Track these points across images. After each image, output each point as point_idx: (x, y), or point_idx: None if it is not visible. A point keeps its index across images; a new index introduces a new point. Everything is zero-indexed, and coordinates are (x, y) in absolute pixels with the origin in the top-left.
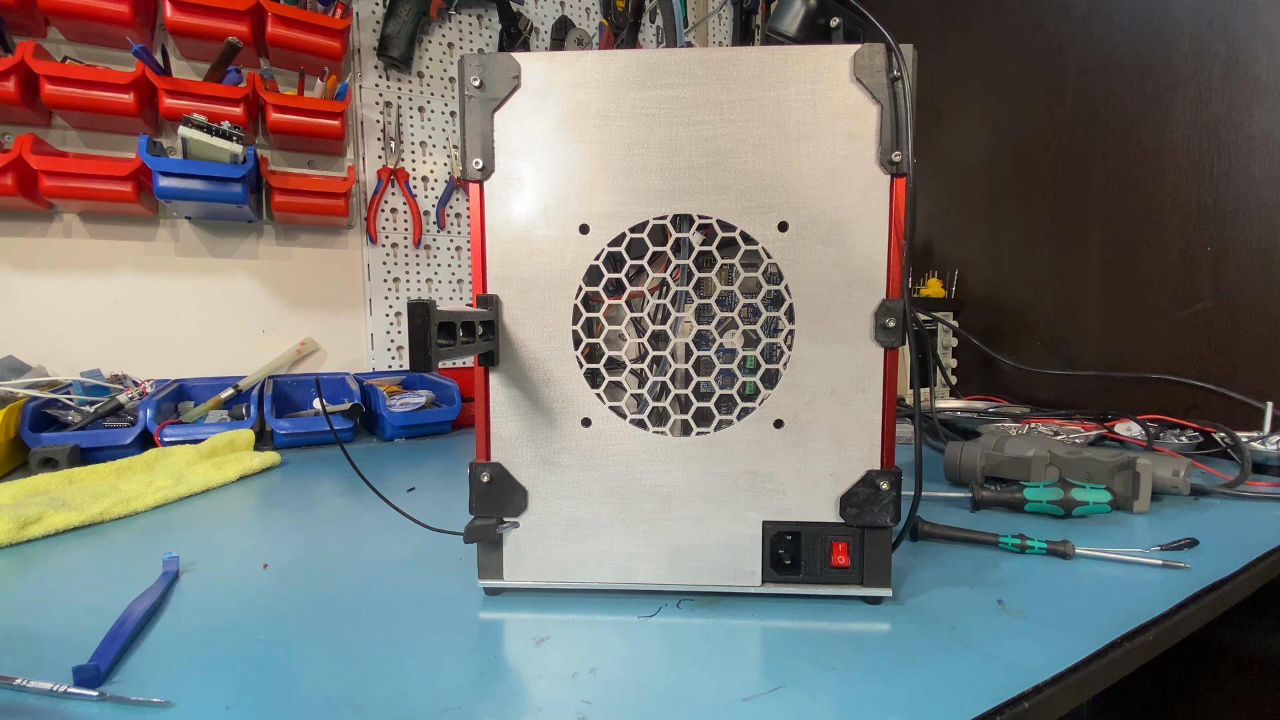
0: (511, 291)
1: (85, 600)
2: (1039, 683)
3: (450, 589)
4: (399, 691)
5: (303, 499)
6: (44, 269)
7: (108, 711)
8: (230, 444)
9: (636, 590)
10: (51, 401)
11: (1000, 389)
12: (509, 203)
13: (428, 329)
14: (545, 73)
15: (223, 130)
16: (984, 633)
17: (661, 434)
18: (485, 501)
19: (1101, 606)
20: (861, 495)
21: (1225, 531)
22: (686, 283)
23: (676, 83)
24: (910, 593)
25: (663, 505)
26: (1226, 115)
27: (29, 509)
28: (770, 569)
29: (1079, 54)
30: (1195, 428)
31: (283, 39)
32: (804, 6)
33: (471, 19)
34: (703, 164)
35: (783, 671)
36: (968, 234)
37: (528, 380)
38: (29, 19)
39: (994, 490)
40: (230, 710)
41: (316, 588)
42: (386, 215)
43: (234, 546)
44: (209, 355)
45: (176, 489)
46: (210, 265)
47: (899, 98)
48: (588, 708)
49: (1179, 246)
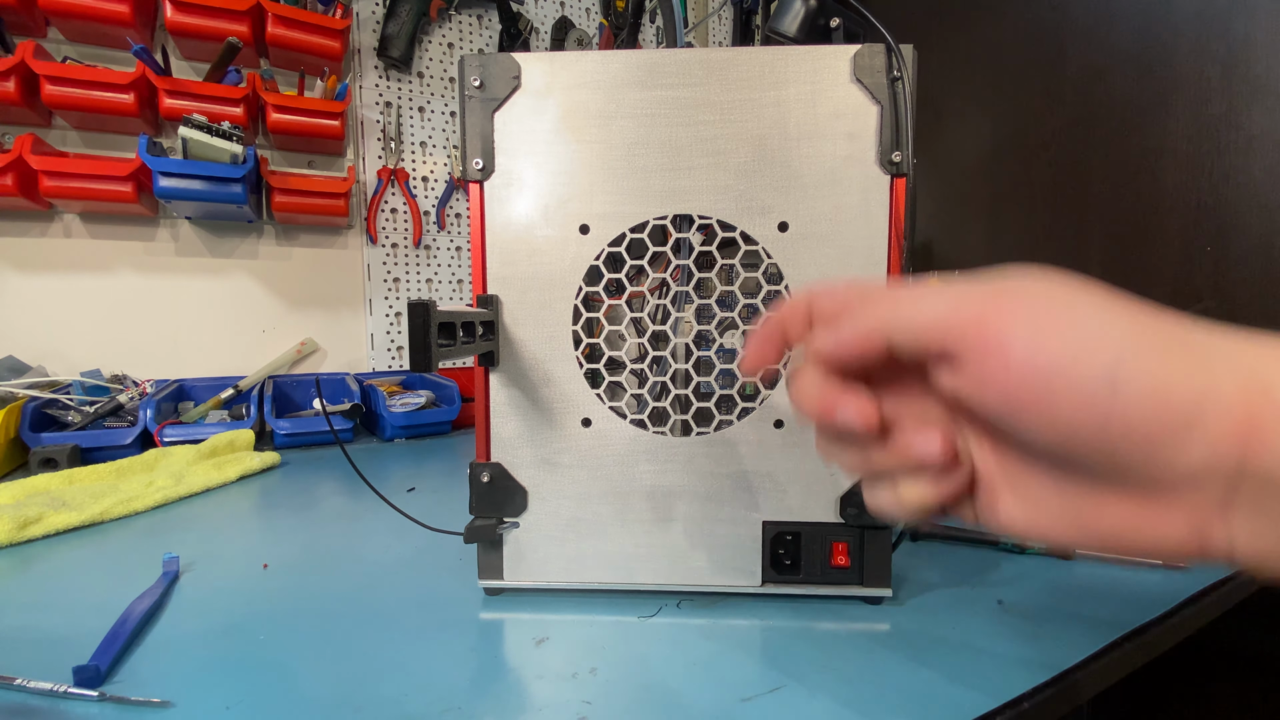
0: (511, 291)
1: (85, 600)
2: (1039, 683)
3: (450, 589)
4: (399, 691)
5: (303, 499)
6: (44, 269)
7: (108, 711)
8: (230, 444)
9: (636, 590)
10: (51, 402)
11: None
12: (509, 203)
13: (428, 329)
14: (545, 73)
15: (223, 130)
16: (984, 633)
17: (661, 434)
18: (485, 501)
19: (1101, 606)
20: (861, 496)
21: None
22: (686, 283)
23: (676, 83)
24: (910, 593)
25: (663, 505)
26: (1226, 115)
27: (29, 509)
28: (770, 569)
29: (1079, 54)
30: None
31: (283, 39)
32: (804, 7)
33: (471, 19)
34: (703, 164)
35: (783, 672)
36: (968, 234)
37: (528, 380)
38: (29, 19)
39: None
40: (230, 710)
41: (317, 588)
42: (386, 215)
43: (234, 546)
44: (209, 355)
45: (176, 489)
46: (210, 265)
47: (899, 98)
48: (588, 708)
49: (1179, 246)
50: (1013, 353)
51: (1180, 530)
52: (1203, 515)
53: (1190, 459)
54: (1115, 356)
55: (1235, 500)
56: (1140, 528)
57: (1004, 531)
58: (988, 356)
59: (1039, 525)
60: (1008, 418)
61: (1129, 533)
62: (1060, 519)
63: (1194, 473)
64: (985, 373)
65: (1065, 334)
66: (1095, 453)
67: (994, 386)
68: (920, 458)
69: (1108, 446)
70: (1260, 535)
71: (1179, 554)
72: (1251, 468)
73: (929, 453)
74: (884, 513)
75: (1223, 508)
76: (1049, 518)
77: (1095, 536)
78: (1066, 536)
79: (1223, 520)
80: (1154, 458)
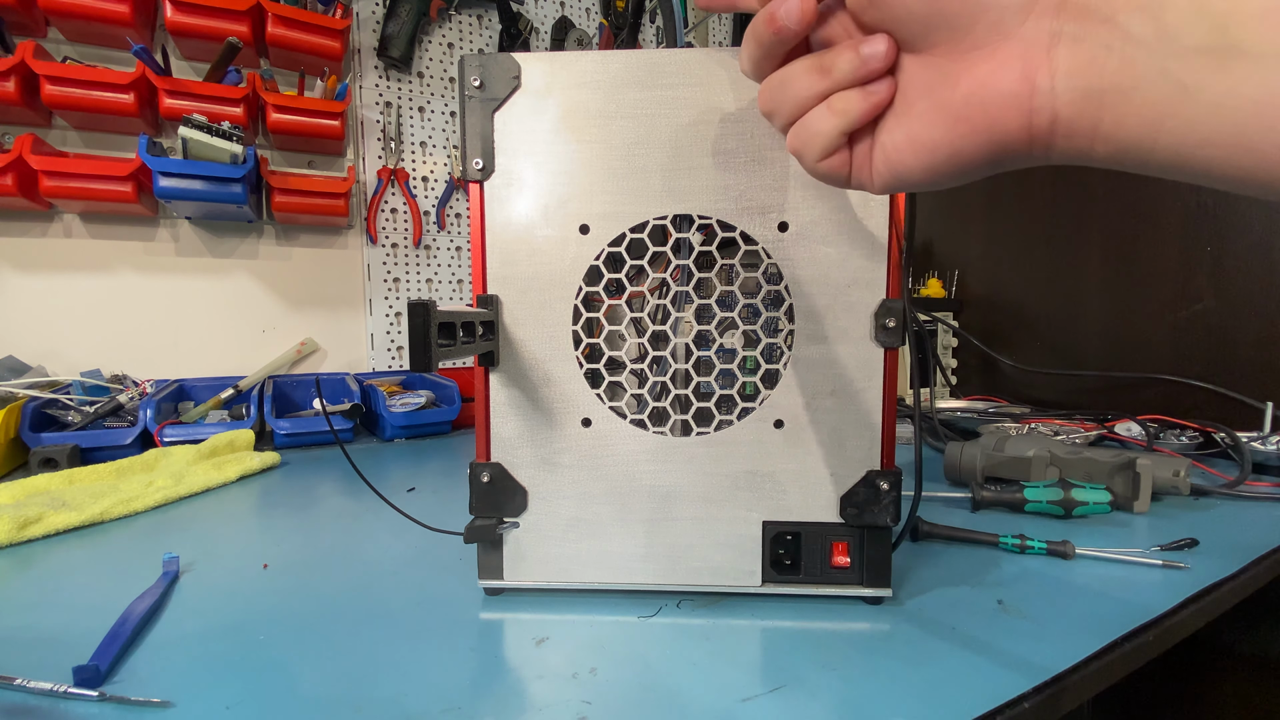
0: (511, 291)
1: (85, 600)
2: (1039, 683)
3: (450, 589)
4: (399, 691)
5: (303, 499)
6: (44, 269)
7: (108, 711)
8: (230, 444)
9: (636, 590)
10: (51, 401)
11: (1000, 389)
12: (509, 203)
13: (428, 329)
14: (545, 73)
15: (223, 130)
16: (984, 633)
17: (662, 434)
18: (485, 501)
19: (1101, 606)
20: (862, 495)
21: (1225, 531)
22: (686, 283)
23: (676, 83)
24: (910, 593)
25: (663, 505)
26: None
27: (29, 509)
28: (770, 569)
29: None
30: (1195, 428)
31: (283, 39)
32: None
33: (471, 19)
34: (703, 164)
35: (783, 671)
36: (968, 234)
37: (528, 380)
38: (29, 19)
39: (994, 490)
40: (230, 710)
41: (316, 588)
42: (386, 215)
43: (234, 546)
44: (209, 355)
45: (176, 489)
46: (210, 265)
47: None
48: (588, 708)
49: (1179, 246)
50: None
51: (1014, 76)
52: (1032, 54)
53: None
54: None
55: (1060, 37)
56: (984, 82)
57: (884, 169)
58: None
59: (912, 139)
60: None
61: (978, 92)
62: (926, 122)
63: (1028, 1)
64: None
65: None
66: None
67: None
68: (869, 54)
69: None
70: (1077, 71)
71: (1014, 109)
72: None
73: (875, 50)
74: (806, 145)
75: (1049, 47)
76: (919, 122)
77: (952, 119)
78: (929, 147)
79: (1048, 60)
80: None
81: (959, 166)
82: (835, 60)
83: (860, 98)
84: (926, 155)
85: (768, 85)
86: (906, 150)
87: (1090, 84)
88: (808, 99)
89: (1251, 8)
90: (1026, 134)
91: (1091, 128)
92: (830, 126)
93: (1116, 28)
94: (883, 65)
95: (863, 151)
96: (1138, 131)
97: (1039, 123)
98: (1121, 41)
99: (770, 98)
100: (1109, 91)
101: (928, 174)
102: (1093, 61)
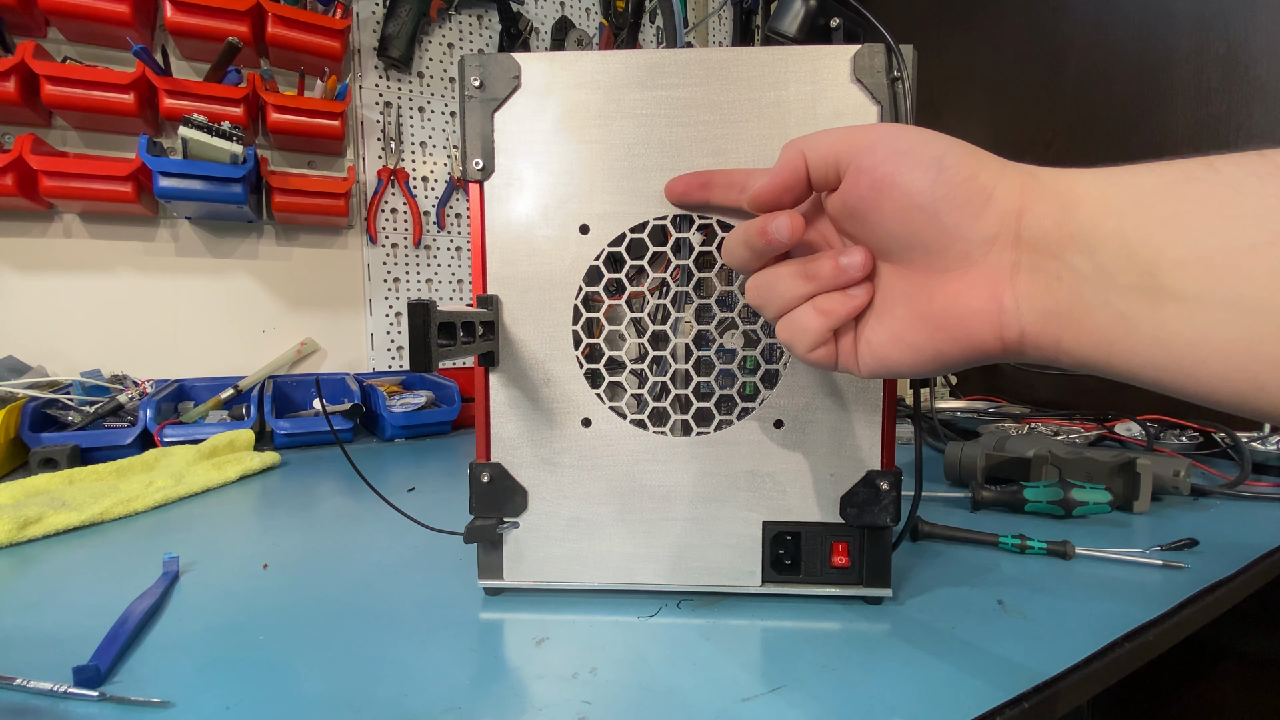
0: (511, 291)
1: (85, 600)
2: (1039, 683)
3: (450, 589)
4: (399, 691)
5: (303, 499)
6: (44, 269)
7: (108, 711)
8: (230, 444)
9: (636, 590)
10: (51, 401)
11: (1000, 389)
12: (509, 203)
13: (428, 329)
14: (545, 73)
15: (223, 130)
16: (984, 633)
17: (662, 434)
18: (485, 501)
19: (1101, 607)
20: (861, 495)
21: (1225, 532)
22: (686, 283)
23: (677, 83)
24: (910, 593)
25: (663, 505)
26: (1226, 115)
27: (29, 509)
28: (770, 569)
29: (1079, 54)
30: (1195, 428)
31: (283, 39)
32: (804, 7)
33: (471, 19)
34: (703, 164)
35: (783, 672)
36: None
37: (528, 380)
38: (29, 19)
39: (994, 490)
40: (230, 710)
41: (317, 588)
42: (386, 215)
43: (234, 546)
44: (209, 355)
45: (176, 489)
46: (210, 265)
47: (899, 98)
48: (588, 708)
49: None
50: (879, 148)
51: (984, 295)
52: (997, 279)
53: (988, 225)
54: (944, 148)
55: (1019, 266)
56: (957, 298)
57: (870, 360)
58: (863, 154)
59: (896, 338)
60: (873, 197)
61: (951, 307)
62: (906, 325)
63: (992, 236)
64: (861, 166)
65: (911, 136)
66: (928, 219)
67: (865, 176)
68: (847, 264)
69: (937, 209)
70: (1036, 296)
71: (986, 324)
72: (1026, 233)
73: (853, 261)
74: (795, 339)
75: (1011, 274)
76: (901, 324)
77: (932, 326)
78: (912, 347)
79: (1011, 285)
80: (964, 226)
81: (942, 364)
82: (818, 268)
83: (842, 300)
84: (911, 353)
85: (756, 283)
86: (892, 347)
87: (1048, 307)
88: (793, 299)
89: (1175, 254)
90: (1000, 343)
91: (1054, 344)
92: (817, 324)
93: (1065, 263)
94: (860, 275)
95: (848, 343)
96: (1093, 352)
97: (1009, 335)
98: (1070, 274)
99: (759, 295)
100: (1063, 314)
101: (914, 368)
102: (1048, 289)
